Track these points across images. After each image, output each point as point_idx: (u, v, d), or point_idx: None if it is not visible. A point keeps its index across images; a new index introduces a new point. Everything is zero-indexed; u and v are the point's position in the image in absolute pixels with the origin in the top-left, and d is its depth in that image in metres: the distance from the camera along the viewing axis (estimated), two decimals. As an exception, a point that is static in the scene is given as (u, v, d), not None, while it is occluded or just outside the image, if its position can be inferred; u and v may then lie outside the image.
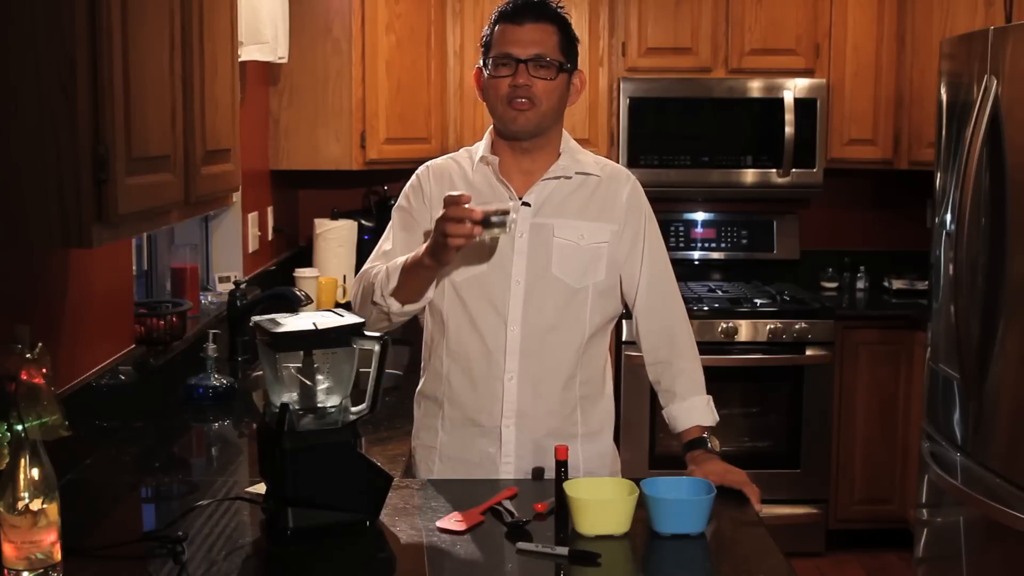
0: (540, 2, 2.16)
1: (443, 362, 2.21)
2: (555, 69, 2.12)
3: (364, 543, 1.83)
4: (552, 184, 2.19)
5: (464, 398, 2.19)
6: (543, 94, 2.11)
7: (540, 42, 2.11)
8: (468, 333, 2.17)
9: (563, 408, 2.19)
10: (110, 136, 1.58)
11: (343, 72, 4.09)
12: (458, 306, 2.18)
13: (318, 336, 1.85)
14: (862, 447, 4.35)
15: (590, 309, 2.18)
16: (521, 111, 2.12)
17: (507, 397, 2.16)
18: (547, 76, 2.11)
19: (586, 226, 2.18)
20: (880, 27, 4.48)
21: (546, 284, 2.15)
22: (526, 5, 2.14)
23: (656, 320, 2.23)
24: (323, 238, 4.24)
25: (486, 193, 2.18)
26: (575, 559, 1.74)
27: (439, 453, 2.23)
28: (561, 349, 2.17)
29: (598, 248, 2.17)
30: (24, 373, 1.62)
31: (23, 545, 1.55)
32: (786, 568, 1.75)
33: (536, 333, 2.15)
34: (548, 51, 2.11)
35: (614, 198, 2.21)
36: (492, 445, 2.18)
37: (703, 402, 2.19)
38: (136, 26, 1.67)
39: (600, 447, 2.25)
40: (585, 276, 2.17)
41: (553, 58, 2.12)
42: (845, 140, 4.54)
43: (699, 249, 4.80)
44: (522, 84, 2.10)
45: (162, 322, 2.75)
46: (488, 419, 2.18)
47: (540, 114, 2.13)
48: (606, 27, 4.48)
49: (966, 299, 3.05)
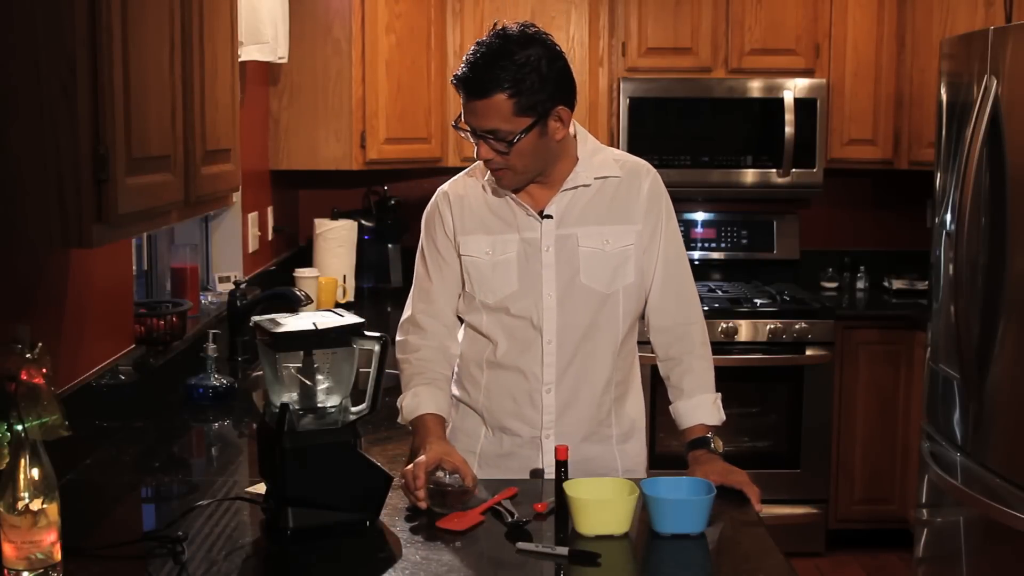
0: (486, 68, 2.00)
1: (482, 370, 2.22)
2: (510, 141, 2.03)
3: (364, 543, 1.83)
4: (571, 194, 2.16)
5: (504, 410, 2.20)
6: (513, 158, 2.06)
7: (491, 116, 2.01)
8: (505, 350, 2.18)
9: (599, 412, 2.20)
10: (110, 136, 1.58)
11: (343, 72, 4.09)
12: (494, 324, 2.18)
13: (318, 336, 1.85)
14: (862, 447, 4.35)
15: (622, 312, 2.18)
16: (500, 177, 2.11)
17: (546, 409, 2.17)
18: (504, 149, 2.04)
19: (610, 231, 2.16)
20: (880, 27, 4.48)
21: (577, 294, 2.15)
22: (472, 79, 2.01)
23: (669, 317, 2.22)
24: (323, 238, 4.24)
25: (504, 211, 2.17)
26: (575, 559, 1.74)
27: (479, 458, 2.23)
28: (597, 356, 2.18)
29: (624, 251, 2.16)
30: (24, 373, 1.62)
31: (23, 545, 1.55)
32: (786, 568, 1.75)
33: (572, 343, 2.16)
34: (502, 123, 2.01)
35: (636, 195, 2.18)
36: (534, 454, 2.19)
37: (709, 400, 2.19)
38: (136, 26, 1.67)
39: (635, 444, 2.26)
40: (614, 281, 2.16)
41: (507, 130, 2.02)
42: (845, 140, 4.54)
43: (699, 249, 4.80)
44: (486, 157, 2.07)
45: (162, 322, 2.75)
46: (528, 430, 2.19)
47: (519, 173, 2.10)
48: (606, 27, 4.48)
49: (966, 299, 3.05)
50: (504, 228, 2.17)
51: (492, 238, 2.17)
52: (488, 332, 2.20)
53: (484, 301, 2.18)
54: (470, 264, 2.19)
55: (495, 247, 2.17)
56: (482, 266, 2.17)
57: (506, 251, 2.16)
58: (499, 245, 2.17)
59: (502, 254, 2.16)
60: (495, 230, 2.18)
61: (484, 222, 2.19)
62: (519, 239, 2.16)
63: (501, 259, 2.16)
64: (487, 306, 2.18)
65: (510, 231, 2.17)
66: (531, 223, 2.16)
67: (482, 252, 2.17)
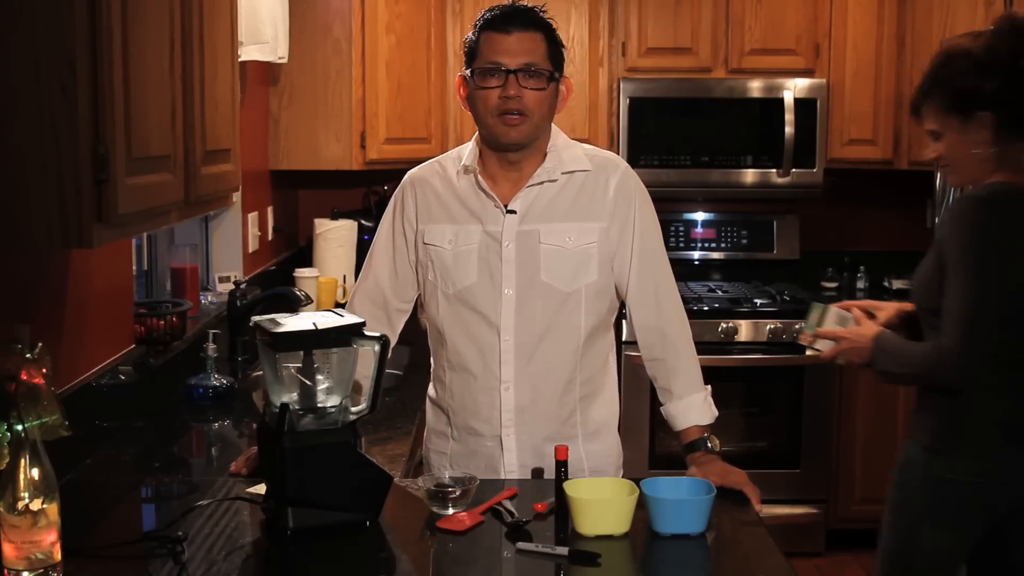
0: (527, 9, 2.11)
1: (445, 371, 2.22)
2: (545, 78, 2.08)
3: (364, 543, 1.83)
4: (537, 189, 2.15)
5: (466, 407, 2.20)
6: (535, 105, 2.07)
7: (529, 51, 2.07)
8: (464, 344, 2.18)
9: (561, 411, 2.19)
10: (110, 136, 1.58)
11: (343, 72, 4.09)
12: (453, 318, 2.18)
13: (318, 336, 1.85)
14: (862, 447, 4.35)
15: (584, 311, 2.16)
16: (513, 126, 2.08)
17: (504, 406, 2.16)
18: (538, 86, 2.07)
19: (573, 227, 2.14)
20: (880, 27, 4.48)
21: (536, 291, 2.14)
22: (514, 12, 2.09)
23: (648, 315, 2.19)
24: (323, 238, 4.24)
25: (471, 201, 2.17)
26: (575, 559, 1.74)
27: (450, 459, 2.24)
28: (557, 354, 2.16)
29: (587, 249, 2.14)
30: (24, 373, 1.62)
31: (23, 545, 1.55)
32: (786, 568, 1.75)
33: (530, 341, 2.14)
34: (537, 60, 2.07)
35: (603, 191, 2.16)
36: (495, 452, 2.19)
37: (700, 399, 2.17)
38: (136, 26, 1.67)
39: (603, 445, 2.25)
40: (576, 279, 2.14)
41: (543, 67, 2.08)
42: (845, 140, 4.54)
43: (699, 249, 4.80)
44: (513, 96, 2.05)
45: (162, 322, 2.75)
46: (488, 428, 2.18)
47: (533, 125, 2.09)
48: (606, 27, 4.48)
49: (966, 299, 3.04)
50: (468, 218, 2.16)
51: (456, 228, 2.17)
52: (446, 328, 2.19)
53: (444, 291, 2.17)
54: (433, 253, 2.18)
55: (458, 237, 2.16)
56: (444, 255, 2.17)
57: (468, 242, 2.15)
58: (462, 235, 2.16)
59: (464, 245, 2.15)
60: (460, 219, 2.17)
61: (449, 211, 2.18)
62: (482, 231, 2.15)
63: (462, 250, 2.15)
64: (447, 295, 2.17)
65: (474, 222, 2.16)
66: (496, 215, 2.15)
67: (445, 241, 2.17)
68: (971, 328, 2.14)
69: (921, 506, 2.27)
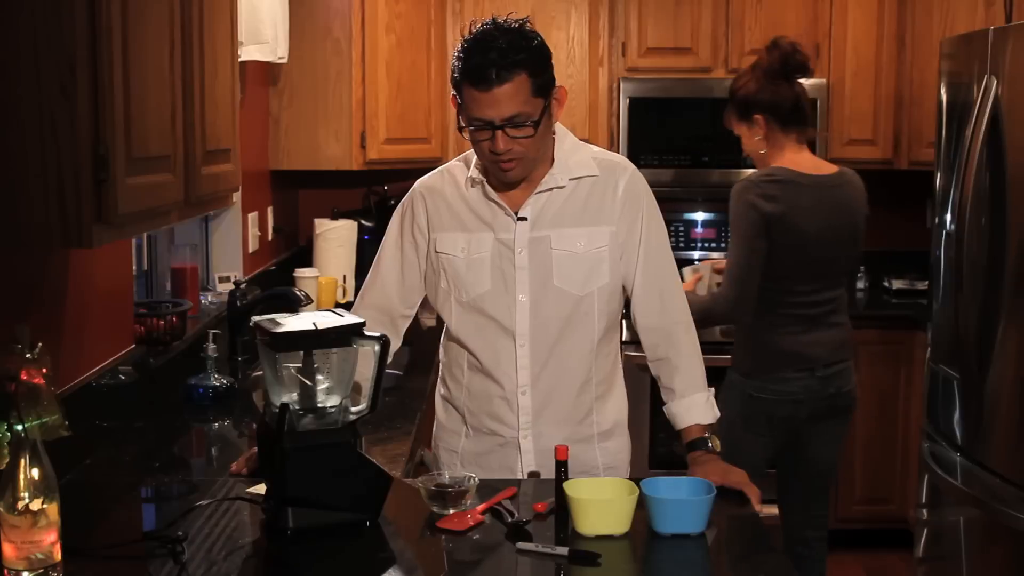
0: (503, 51, 1.97)
1: (463, 372, 2.23)
2: (533, 126, 2.02)
3: (364, 543, 1.83)
4: (546, 195, 2.15)
5: (483, 411, 2.21)
6: (526, 148, 2.04)
7: (512, 101, 1.98)
8: (480, 349, 2.18)
9: (577, 412, 2.20)
10: (110, 136, 1.58)
11: (343, 72, 4.09)
12: (468, 325, 2.19)
13: (318, 336, 1.85)
14: (862, 447, 4.34)
15: (598, 313, 2.17)
16: (508, 169, 2.07)
17: (522, 411, 2.17)
18: (526, 134, 2.02)
19: (584, 232, 2.15)
20: (880, 27, 4.48)
21: (550, 296, 2.14)
22: (489, 63, 1.96)
23: (653, 316, 2.20)
24: (323, 238, 4.24)
25: (482, 209, 2.17)
26: (575, 559, 1.74)
27: (461, 457, 2.24)
28: (572, 357, 2.17)
29: (598, 253, 2.15)
30: (24, 373, 1.62)
31: (23, 545, 1.55)
32: (786, 568, 1.75)
33: (545, 346, 2.15)
34: (522, 107, 1.99)
35: (611, 195, 2.16)
36: (512, 454, 2.19)
37: (702, 399, 2.18)
38: (136, 26, 1.67)
39: (616, 442, 2.26)
40: (588, 283, 2.15)
41: (529, 114, 2.00)
42: (845, 140, 4.53)
43: (699, 249, 4.80)
44: (503, 150, 2.02)
45: (162, 322, 2.75)
46: (507, 431, 2.19)
47: (529, 162, 2.08)
48: (606, 27, 4.48)
49: (966, 299, 3.05)
50: (480, 226, 2.16)
51: (468, 236, 2.16)
52: (462, 334, 2.19)
53: (459, 298, 2.18)
54: (446, 262, 2.18)
55: (470, 245, 2.16)
56: (457, 264, 2.17)
57: (480, 250, 2.15)
58: (474, 244, 2.16)
59: (476, 253, 2.15)
60: (471, 228, 2.17)
61: (461, 219, 2.18)
62: (494, 239, 2.15)
63: (475, 258, 2.15)
64: (461, 303, 2.18)
65: (486, 230, 2.16)
66: (507, 223, 2.15)
67: (457, 250, 2.17)
68: (737, 280, 2.90)
69: (739, 419, 2.94)
